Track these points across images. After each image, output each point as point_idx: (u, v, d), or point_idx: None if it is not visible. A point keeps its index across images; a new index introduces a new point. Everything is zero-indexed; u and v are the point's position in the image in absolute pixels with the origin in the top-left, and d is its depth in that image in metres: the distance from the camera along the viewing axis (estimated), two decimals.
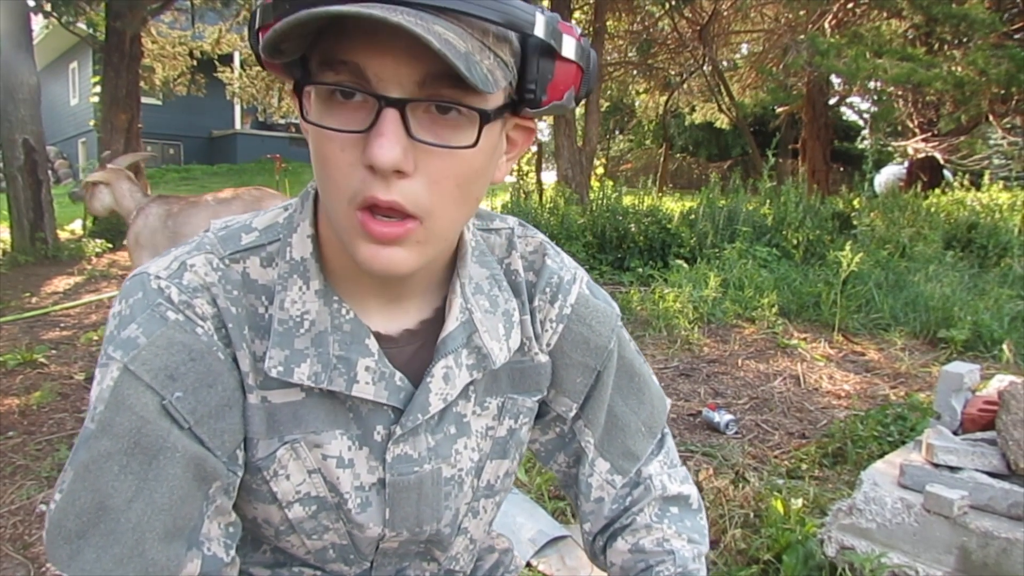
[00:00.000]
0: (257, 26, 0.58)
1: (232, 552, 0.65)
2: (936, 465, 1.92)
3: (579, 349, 0.78)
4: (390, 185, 0.55)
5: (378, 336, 0.69)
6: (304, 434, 0.67)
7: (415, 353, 0.71)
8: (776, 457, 2.78)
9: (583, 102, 0.67)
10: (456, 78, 0.52)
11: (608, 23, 10.55)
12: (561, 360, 0.78)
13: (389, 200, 0.55)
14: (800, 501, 2.25)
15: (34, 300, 5.39)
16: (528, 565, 1.94)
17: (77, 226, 8.67)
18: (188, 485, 0.61)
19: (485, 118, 0.56)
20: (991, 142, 12.21)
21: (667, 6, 10.61)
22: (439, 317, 0.72)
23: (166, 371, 0.60)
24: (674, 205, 7.94)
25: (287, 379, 0.64)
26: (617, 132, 21.58)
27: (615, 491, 0.83)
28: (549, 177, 8.76)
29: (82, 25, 8.68)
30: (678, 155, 20.28)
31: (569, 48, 0.60)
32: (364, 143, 0.55)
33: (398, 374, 0.68)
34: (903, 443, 2.68)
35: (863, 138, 18.81)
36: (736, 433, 2.99)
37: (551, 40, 0.58)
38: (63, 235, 7.85)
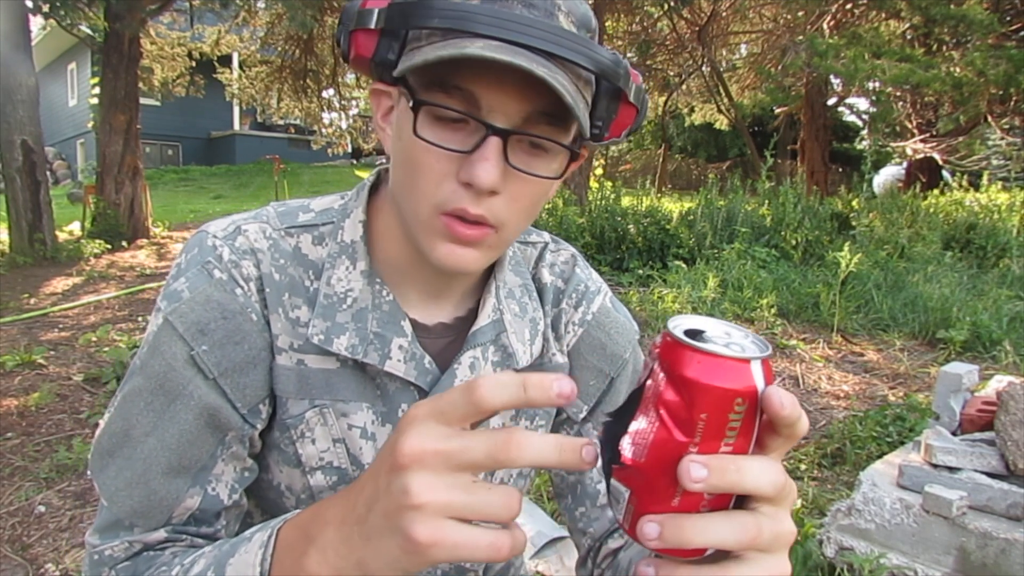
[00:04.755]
0: (355, 27, 0.63)
1: (236, 496, 0.71)
2: (935, 466, 1.92)
3: (595, 353, 0.84)
4: (480, 201, 0.62)
5: (414, 324, 0.74)
6: (333, 401, 0.72)
7: (446, 346, 0.76)
8: None
9: None
10: (553, 116, 0.61)
11: (607, 24, 10.54)
12: (577, 362, 0.83)
13: (478, 214, 0.62)
14: (799, 502, 2.26)
15: (33, 301, 5.38)
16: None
17: (76, 227, 8.66)
18: (199, 431, 0.68)
19: (574, 156, 0.65)
20: (990, 143, 12.22)
21: (666, 7, 10.61)
22: (472, 316, 0.78)
23: (198, 325, 0.67)
24: (673, 206, 7.94)
25: (326, 348, 0.70)
26: None
27: None
28: None
29: (81, 26, 8.66)
30: (677, 156, 20.29)
31: (633, 92, 0.67)
32: (463, 161, 0.61)
33: (427, 357, 0.73)
34: (902, 444, 2.68)
35: (862, 139, 18.84)
36: None
37: (625, 87, 0.65)
38: (62, 236, 7.84)
